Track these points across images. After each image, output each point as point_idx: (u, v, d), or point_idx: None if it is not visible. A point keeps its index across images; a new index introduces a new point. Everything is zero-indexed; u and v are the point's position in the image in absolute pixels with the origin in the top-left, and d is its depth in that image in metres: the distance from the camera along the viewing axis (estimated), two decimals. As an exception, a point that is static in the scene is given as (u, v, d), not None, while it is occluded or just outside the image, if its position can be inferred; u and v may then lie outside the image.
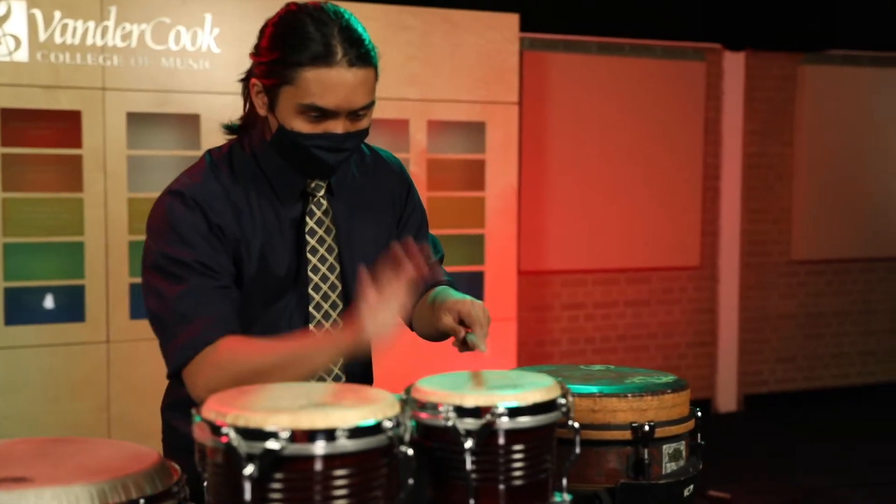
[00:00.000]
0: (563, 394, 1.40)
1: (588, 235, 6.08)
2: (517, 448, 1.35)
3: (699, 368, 6.52)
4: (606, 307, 6.25)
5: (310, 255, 1.82)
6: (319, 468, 1.19)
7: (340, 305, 1.85)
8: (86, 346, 4.13)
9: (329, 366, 1.82)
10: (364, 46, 1.69)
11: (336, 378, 1.85)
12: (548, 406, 1.37)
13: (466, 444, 1.31)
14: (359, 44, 1.68)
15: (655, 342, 6.42)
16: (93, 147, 4.11)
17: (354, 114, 1.72)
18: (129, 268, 4.16)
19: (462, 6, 4.80)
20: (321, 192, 1.84)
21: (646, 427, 1.60)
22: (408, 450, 1.24)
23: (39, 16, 3.99)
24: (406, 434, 1.24)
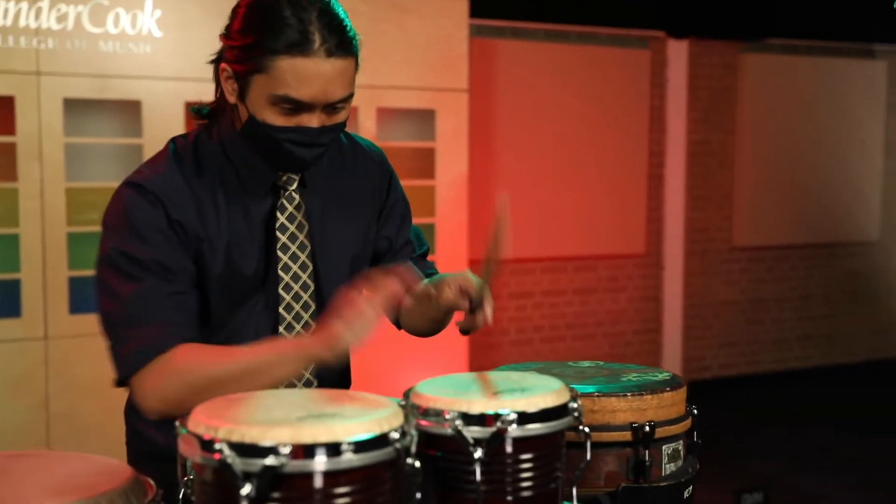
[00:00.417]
0: (573, 397, 1.33)
1: (537, 224, 6.02)
2: (526, 457, 1.27)
3: (645, 356, 6.53)
4: (554, 295, 6.22)
5: (280, 253, 1.70)
6: (322, 485, 1.10)
7: (313, 306, 1.73)
8: (22, 343, 3.97)
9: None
10: (345, 34, 1.56)
11: (307, 383, 1.73)
12: (559, 411, 1.29)
13: (476, 454, 1.22)
14: (339, 31, 1.55)
15: (602, 330, 6.42)
16: (27, 134, 3.93)
17: (331, 107, 1.59)
18: (69, 261, 4.00)
19: (411, -8, 4.71)
20: (293, 186, 1.72)
21: (646, 427, 1.53)
22: (415, 462, 1.15)
23: (-31, -4, 3.79)
24: (413, 445, 1.16)
